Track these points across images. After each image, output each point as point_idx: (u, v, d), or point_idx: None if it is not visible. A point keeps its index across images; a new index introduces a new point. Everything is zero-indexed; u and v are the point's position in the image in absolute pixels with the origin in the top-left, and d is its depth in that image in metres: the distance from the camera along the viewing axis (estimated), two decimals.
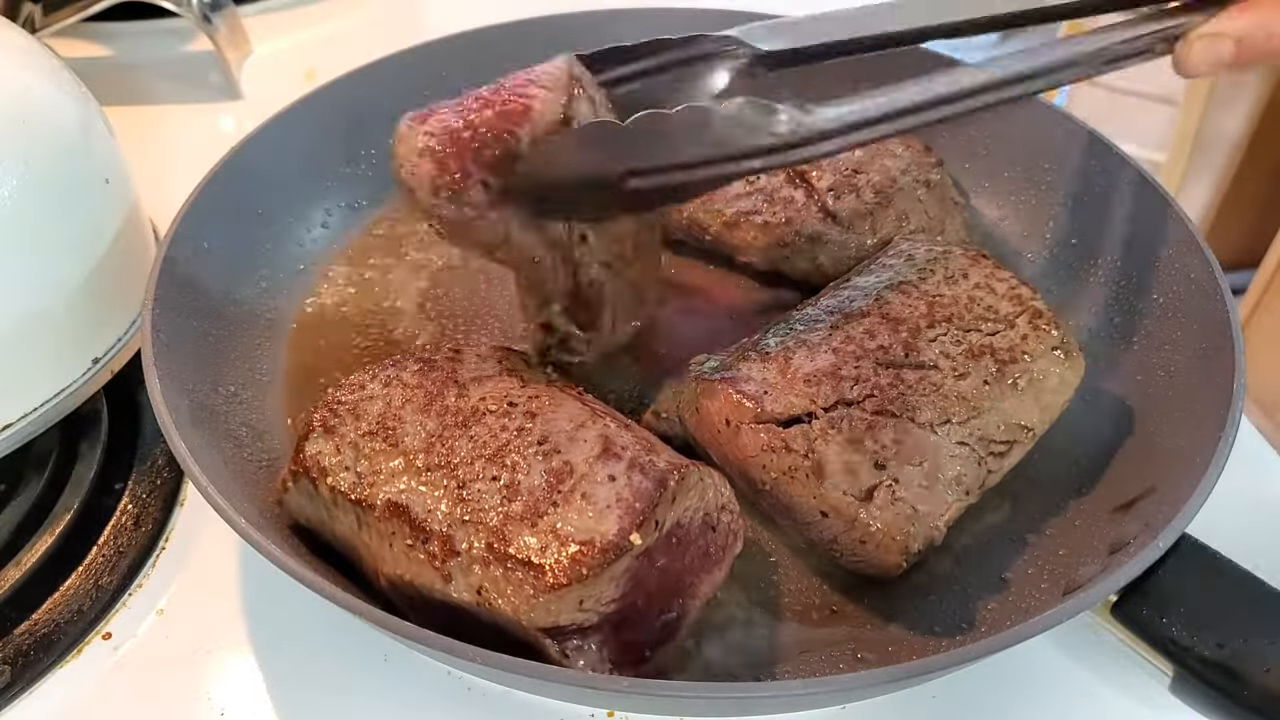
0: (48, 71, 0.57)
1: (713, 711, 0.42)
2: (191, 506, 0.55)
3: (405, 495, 0.42)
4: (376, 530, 0.43)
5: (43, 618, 0.50)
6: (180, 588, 0.52)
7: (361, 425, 0.45)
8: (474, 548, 0.39)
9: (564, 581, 0.37)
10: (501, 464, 0.41)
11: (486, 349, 0.50)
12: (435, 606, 0.41)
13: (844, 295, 0.54)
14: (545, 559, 0.38)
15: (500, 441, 0.42)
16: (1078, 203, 0.64)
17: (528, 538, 0.38)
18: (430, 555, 0.40)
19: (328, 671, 0.48)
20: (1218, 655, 0.40)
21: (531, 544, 0.38)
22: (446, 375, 0.47)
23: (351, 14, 1.02)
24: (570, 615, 0.38)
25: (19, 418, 0.52)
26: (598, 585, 0.38)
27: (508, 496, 0.40)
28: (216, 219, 0.60)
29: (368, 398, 0.47)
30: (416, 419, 0.45)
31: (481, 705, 0.47)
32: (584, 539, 0.38)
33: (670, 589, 0.42)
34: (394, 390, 0.46)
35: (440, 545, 0.40)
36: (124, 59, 0.94)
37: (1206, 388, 0.49)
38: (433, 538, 0.40)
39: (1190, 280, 0.55)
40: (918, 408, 0.47)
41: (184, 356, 0.53)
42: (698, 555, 0.43)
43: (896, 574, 0.46)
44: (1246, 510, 0.53)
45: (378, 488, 0.43)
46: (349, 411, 0.46)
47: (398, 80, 0.70)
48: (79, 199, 0.55)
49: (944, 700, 0.47)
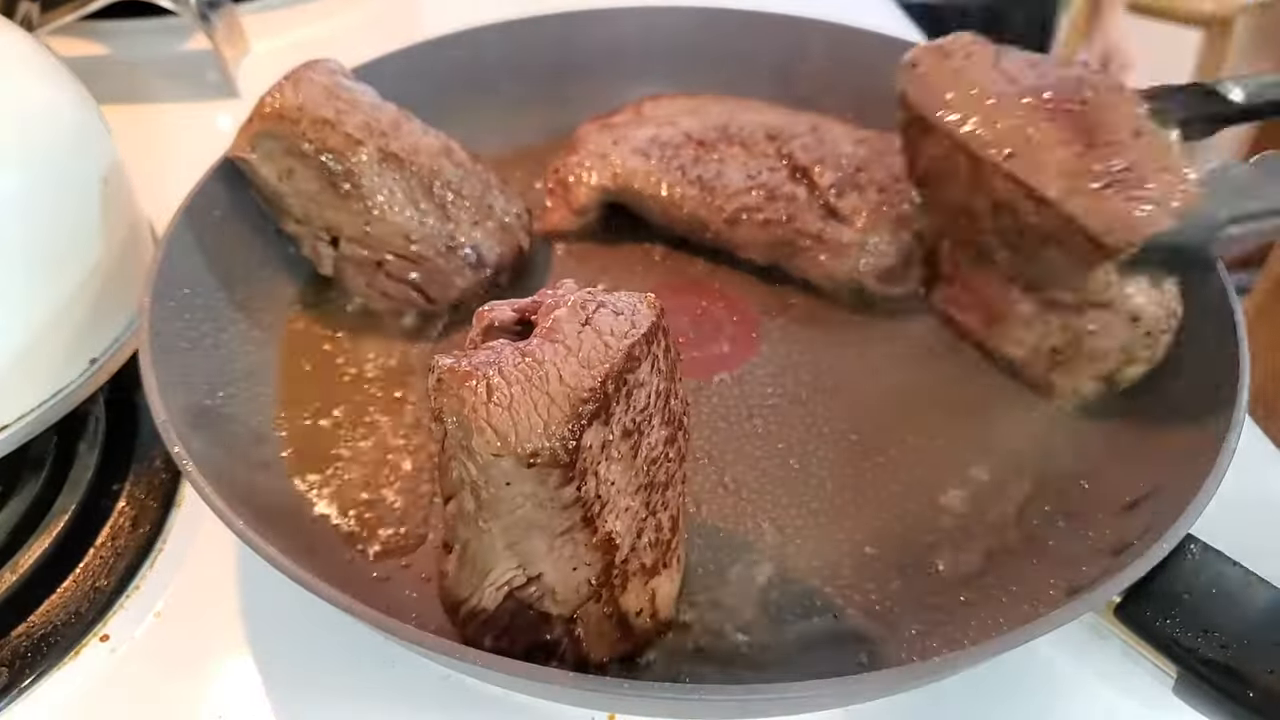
0: (45, 70, 0.57)
1: (713, 714, 0.41)
2: (189, 508, 0.55)
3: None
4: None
5: (40, 620, 0.49)
6: (178, 590, 0.51)
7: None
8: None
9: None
10: None
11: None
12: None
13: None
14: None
15: None
16: None
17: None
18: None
19: (326, 673, 0.48)
20: (1222, 657, 0.40)
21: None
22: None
23: (350, 12, 1.01)
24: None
25: (15, 419, 0.52)
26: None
27: None
28: (214, 218, 0.60)
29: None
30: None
31: (481, 707, 0.47)
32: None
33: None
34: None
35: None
36: (121, 57, 0.94)
37: (1211, 388, 0.49)
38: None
39: (1194, 280, 0.55)
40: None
41: (181, 357, 0.52)
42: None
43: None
44: (1252, 511, 0.53)
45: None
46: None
47: (397, 79, 0.70)
48: (76, 198, 0.55)
49: (946, 702, 0.46)
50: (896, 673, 0.37)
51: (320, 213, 0.60)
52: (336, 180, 0.58)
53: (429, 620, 0.46)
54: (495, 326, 0.38)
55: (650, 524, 0.41)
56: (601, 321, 0.37)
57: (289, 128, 0.57)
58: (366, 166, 0.58)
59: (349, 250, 0.60)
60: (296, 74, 0.59)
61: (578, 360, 0.36)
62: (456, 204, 0.60)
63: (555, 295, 0.38)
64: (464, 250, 0.61)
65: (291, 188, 0.59)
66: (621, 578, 0.41)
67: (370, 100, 0.61)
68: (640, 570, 0.42)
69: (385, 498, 0.52)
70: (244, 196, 0.61)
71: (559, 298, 0.38)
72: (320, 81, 0.60)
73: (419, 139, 0.61)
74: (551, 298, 0.38)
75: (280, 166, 0.58)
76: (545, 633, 0.41)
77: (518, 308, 0.39)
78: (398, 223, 0.59)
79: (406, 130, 0.61)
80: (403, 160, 0.59)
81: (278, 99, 0.58)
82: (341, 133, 0.57)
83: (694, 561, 0.49)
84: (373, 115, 0.60)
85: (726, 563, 0.49)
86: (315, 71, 0.60)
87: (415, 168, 0.59)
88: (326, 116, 0.58)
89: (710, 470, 0.54)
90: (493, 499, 0.36)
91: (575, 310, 0.37)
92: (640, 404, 0.38)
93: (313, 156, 0.58)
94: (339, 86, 0.60)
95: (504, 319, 0.38)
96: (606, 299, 0.38)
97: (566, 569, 0.39)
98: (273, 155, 0.58)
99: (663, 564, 0.43)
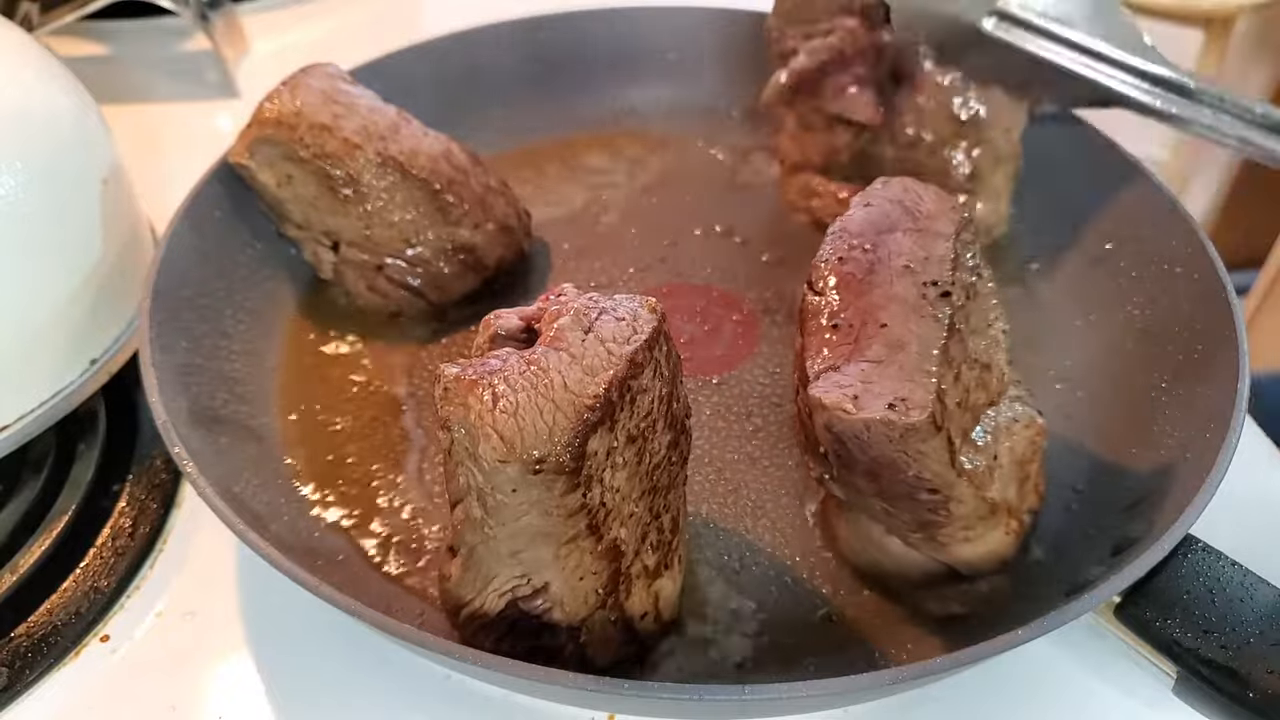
0: (44, 70, 0.57)
1: (713, 714, 0.41)
2: (189, 508, 0.55)
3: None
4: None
5: (40, 620, 0.49)
6: (178, 590, 0.51)
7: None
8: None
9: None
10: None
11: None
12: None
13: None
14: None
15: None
16: (1082, 201, 0.64)
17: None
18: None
19: (326, 674, 0.48)
20: (1222, 657, 0.40)
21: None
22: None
23: (350, 12, 1.01)
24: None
25: (15, 419, 0.52)
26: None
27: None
28: (215, 218, 0.60)
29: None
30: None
31: (481, 708, 0.46)
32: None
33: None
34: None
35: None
36: (121, 57, 0.94)
37: (1210, 388, 0.49)
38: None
39: (1194, 279, 0.55)
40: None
41: (181, 357, 0.52)
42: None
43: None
44: (1251, 512, 0.53)
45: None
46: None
47: (397, 79, 0.70)
48: (75, 198, 0.55)
49: (946, 702, 0.46)
50: (896, 673, 0.37)
51: (320, 218, 0.60)
52: (335, 185, 0.58)
53: (429, 621, 0.46)
54: (501, 334, 0.38)
55: (653, 527, 0.41)
56: (604, 328, 0.37)
57: (286, 134, 0.57)
58: (365, 171, 0.58)
59: (349, 254, 0.60)
60: (294, 79, 0.59)
61: (582, 368, 0.36)
62: (456, 206, 0.60)
63: (558, 302, 0.39)
64: (464, 253, 0.61)
65: (291, 193, 0.59)
66: (626, 582, 0.41)
67: (369, 103, 0.61)
68: (643, 573, 0.42)
69: (385, 498, 0.52)
70: (244, 197, 0.61)
71: (562, 305, 0.38)
72: (318, 86, 0.59)
73: (418, 141, 0.60)
74: (555, 305, 0.38)
75: (279, 173, 0.58)
76: (547, 639, 0.41)
77: (524, 316, 0.39)
78: (397, 226, 0.59)
79: (406, 133, 0.60)
80: (402, 164, 0.58)
81: (275, 105, 0.58)
82: (339, 137, 0.57)
83: (693, 561, 0.49)
84: (371, 119, 0.59)
85: (726, 563, 0.49)
86: (313, 76, 0.60)
87: (414, 171, 0.59)
88: (324, 122, 0.57)
89: (710, 470, 0.54)
90: (498, 506, 0.37)
91: (578, 318, 0.38)
92: (644, 409, 0.38)
93: (311, 162, 0.57)
94: (337, 90, 0.60)
95: (510, 327, 0.39)
96: (608, 305, 0.39)
97: (574, 579, 0.40)
98: (271, 162, 0.58)
99: (664, 565, 0.43)
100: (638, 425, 0.38)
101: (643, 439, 0.39)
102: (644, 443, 0.39)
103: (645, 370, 0.38)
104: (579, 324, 0.37)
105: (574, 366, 0.36)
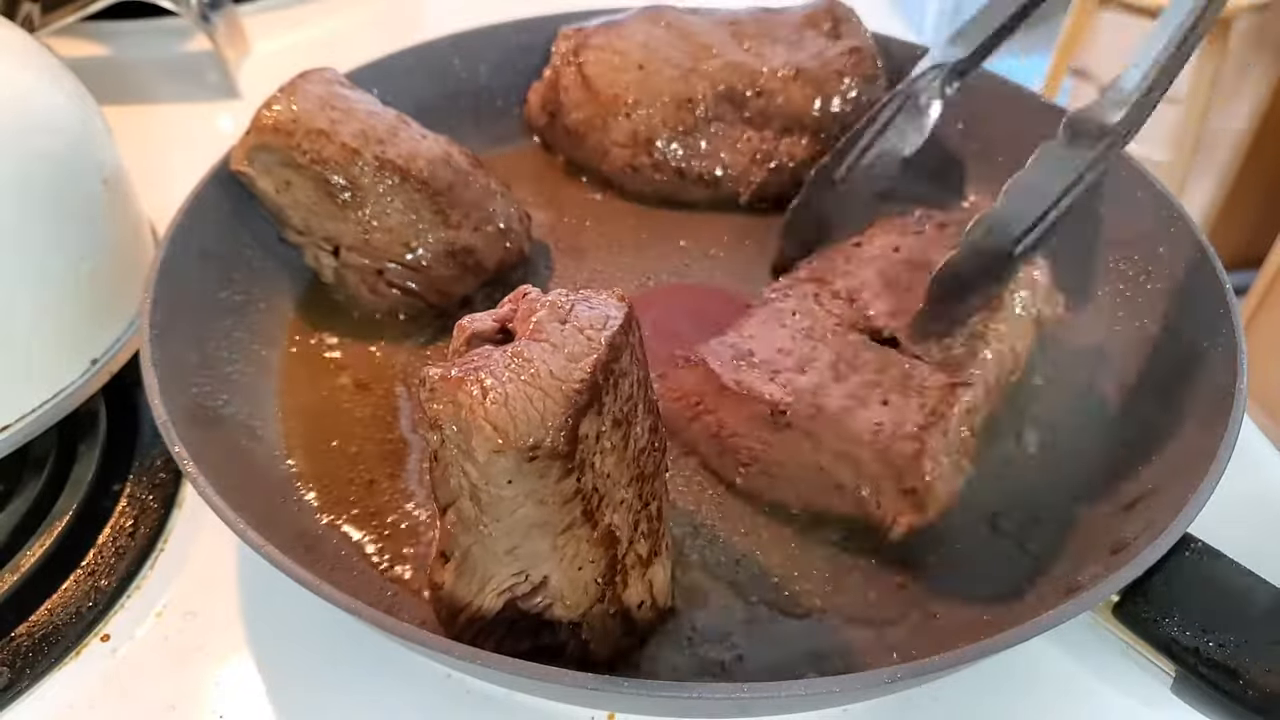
0: (46, 71, 0.57)
1: (713, 712, 0.41)
2: (190, 508, 0.55)
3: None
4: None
5: (41, 619, 0.49)
6: (179, 589, 0.52)
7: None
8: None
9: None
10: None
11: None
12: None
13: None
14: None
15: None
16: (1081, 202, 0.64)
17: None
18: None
19: (327, 673, 0.48)
20: (1220, 655, 0.40)
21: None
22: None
23: (350, 13, 1.02)
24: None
25: (17, 419, 0.52)
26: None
27: None
28: (215, 219, 0.60)
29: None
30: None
31: (481, 707, 0.47)
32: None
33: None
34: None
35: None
36: (122, 58, 0.94)
37: (1209, 387, 0.49)
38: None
39: (1193, 279, 0.55)
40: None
41: (182, 357, 0.52)
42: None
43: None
44: (1249, 510, 0.53)
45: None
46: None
47: (397, 80, 0.70)
48: (77, 199, 0.55)
49: (946, 701, 0.46)
50: (894, 671, 0.37)
51: (320, 223, 0.59)
52: (334, 190, 0.58)
53: (429, 620, 0.46)
54: (478, 336, 0.39)
55: (644, 515, 0.42)
56: (580, 318, 0.38)
57: (284, 140, 0.57)
58: (363, 175, 0.58)
59: (350, 259, 0.60)
60: (291, 85, 0.59)
61: (564, 355, 0.37)
62: (456, 209, 0.60)
63: (529, 300, 0.39)
64: (464, 255, 0.61)
65: (290, 199, 0.59)
66: (623, 573, 0.41)
67: (367, 107, 0.61)
68: (638, 562, 0.42)
69: (386, 498, 0.52)
70: (245, 198, 0.61)
71: (533, 302, 0.39)
72: (315, 91, 0.59)
73: (417, 144, 0.60)
74: (526, 303, 0.39)
75: (278, 179, 0.58)
76: (548, 637, 0.41)
77: (497, 317, 0.40)
78: (397, 230, 0.59)
79: (404, 136, 0.60)
80: (400, 167, 0.58)
81: (272, 111, 0.57)
82: (337, 142, 0.57)
83: (692, 560, 0.49)
84: (369, 123, 0.59)
85: (724, 562, 0.49)
86: (310, 81, 0.60)
87: (414, 174, 0.59)
88: (321, 127, 0.57)
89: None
90: (493, 500, 0.37)
91: (554, 310, 0.38)
92: (625, 393, 0.39)
93: (309, 168, 0.57)
94: (334, 95, 0.60)
95: (485, 329, 0.39)
96: (578, 297, 0.40)
97: (572, 569, 0.40)
98: (270, 168, 0.58)
99: (655, 552, 0.44)
100: (621, 409, 0.39)
101: (627, 423, 0.39)
102: (628, 427, 0.40)
103: (624, 354, 0.39)
104: (555, 315, 0.38)
105: (557, 354, 0.37)
